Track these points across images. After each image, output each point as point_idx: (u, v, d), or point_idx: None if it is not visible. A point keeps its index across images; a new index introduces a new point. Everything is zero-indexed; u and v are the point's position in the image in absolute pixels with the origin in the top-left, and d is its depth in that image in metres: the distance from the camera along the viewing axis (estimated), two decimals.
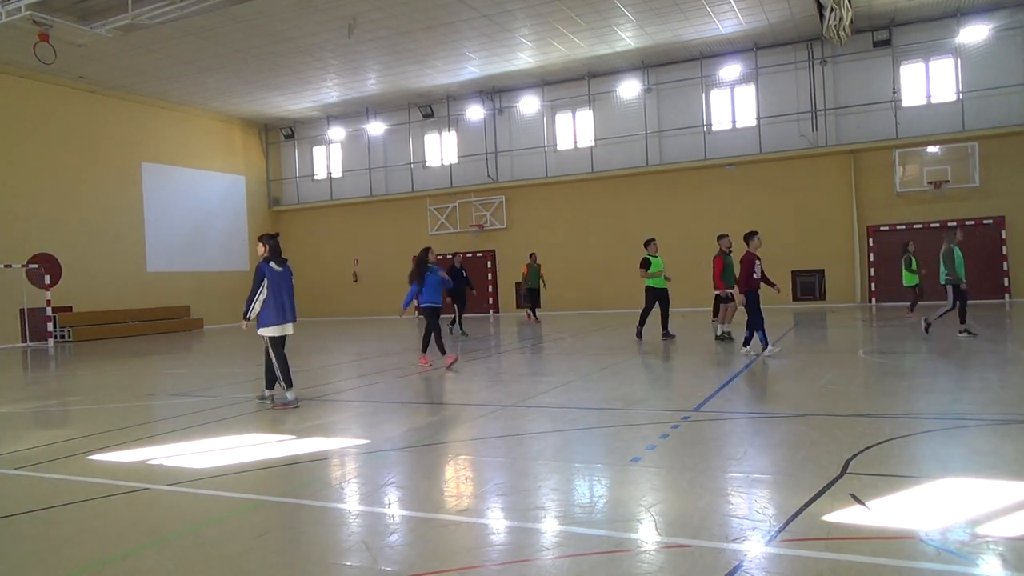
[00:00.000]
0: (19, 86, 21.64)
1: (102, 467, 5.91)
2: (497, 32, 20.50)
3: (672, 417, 6.94)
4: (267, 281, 8.20)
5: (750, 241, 11.29)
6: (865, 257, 22.30)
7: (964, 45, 20.93)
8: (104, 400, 9.86)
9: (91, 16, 17.32)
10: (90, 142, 23.62)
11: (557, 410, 7.60)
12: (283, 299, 8.31)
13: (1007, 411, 6.58)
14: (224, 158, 28.81)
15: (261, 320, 8.27)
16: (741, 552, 3.54)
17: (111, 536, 4.28)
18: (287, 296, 8.38)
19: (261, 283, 8.18)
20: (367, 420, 7.75)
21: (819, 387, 8.17)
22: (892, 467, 4.91)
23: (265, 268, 8.25)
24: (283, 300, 8.31)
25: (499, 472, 5.26)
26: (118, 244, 24.33)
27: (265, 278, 8.20)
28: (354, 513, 4.54)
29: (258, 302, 8.18)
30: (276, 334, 8.37)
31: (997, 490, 4.32)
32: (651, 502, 4.39)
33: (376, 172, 29.12)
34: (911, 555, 3.43)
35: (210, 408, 8.64)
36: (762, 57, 23.00)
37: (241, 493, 5.00)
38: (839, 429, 6.01)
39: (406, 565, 3.60)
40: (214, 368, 13.52)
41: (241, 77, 23.49)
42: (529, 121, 26.32)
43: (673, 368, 10.86)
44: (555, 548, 3.78)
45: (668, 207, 24.17)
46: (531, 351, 14.15)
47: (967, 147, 20.84)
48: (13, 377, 13.81)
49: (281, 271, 8.35)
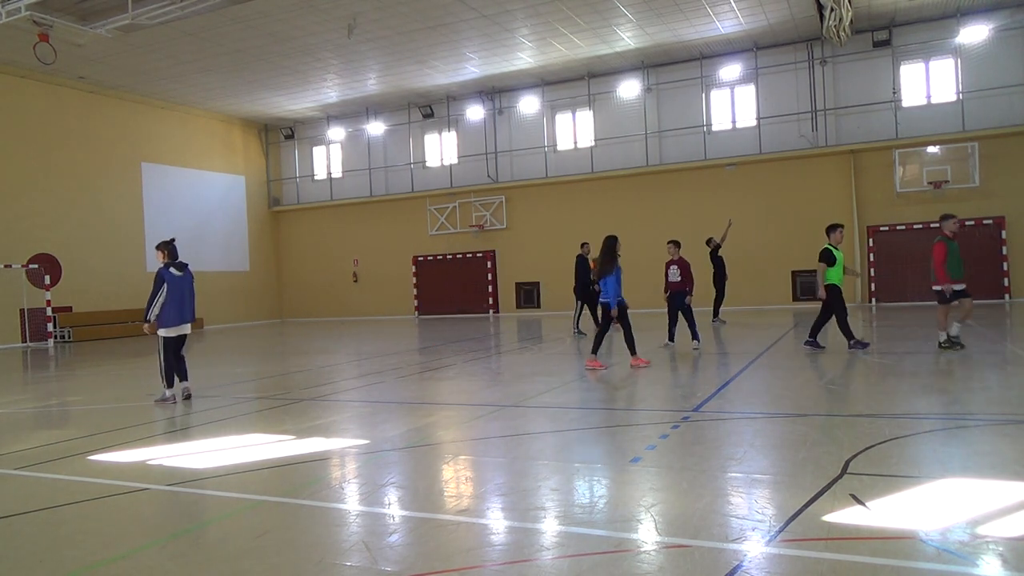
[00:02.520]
0: (19, 86, 21.64)
1: (102, 467, 5.91)
2: (497, 32, 20.50)
3: (672, 417, 6.94)
4: (166, 286, 8.88)
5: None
6: (865, 257, 22.30)
7: (964, 45, 20.93)
8: (104, 400, 9.86)
9: (91, 16, 17.33)
10: (90, 142, 23.62)
11: (557, 410, 7.60)
12: (181, 302, 9.01)
13: (1007, 411, 6.58)
14: (224, 158, 28.81)
15: (160, 321, 8.95)
16: (741, 552, 3.54)
17: (111, 536, 4.28)
18: (187, 299, 9.10)
19: (160, 288, 8.86)
20: (367, 420, 7.75)
21: (819, 387, 8.17)
22: (892, 467, 4.91)
23: (164, 273, 8.93)
24: (181, 303, 9.00)
25: (499, 472, 5.26)
26: (118, 244, 24.33)
27: (164, 283, 8.88)
28: (354, 513, 4.54)
29: (158, 305, 8.86)
30: (172, 335, 9.09)
31: (997, 490, 4.32)
32: (651, 502, 4.39)
33: (376, 172, 29.12)
34: (911, 555, 3.43)
35: (210, 408, 8.64)
36: (762, 57, 23.00)
37: (241, 493, 5.00)
38: (839, 429, 6.01)
39: (406, 565, 3.60)
40: (214, 368, 13.51)
41: (241, 77, 23.49)
42: (529, 121, 26.33)
43: (673, 368, 10.85)
44: (555, 548, 3.78)
45: (668, 207, 24.16)
46: (531, 351, 14.14)
47: (967, 147, 20.84)
48: (13, 377, 13.80)
49: (181, 276, 9.05)
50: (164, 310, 8.87)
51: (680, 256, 12.94)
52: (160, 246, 9.06)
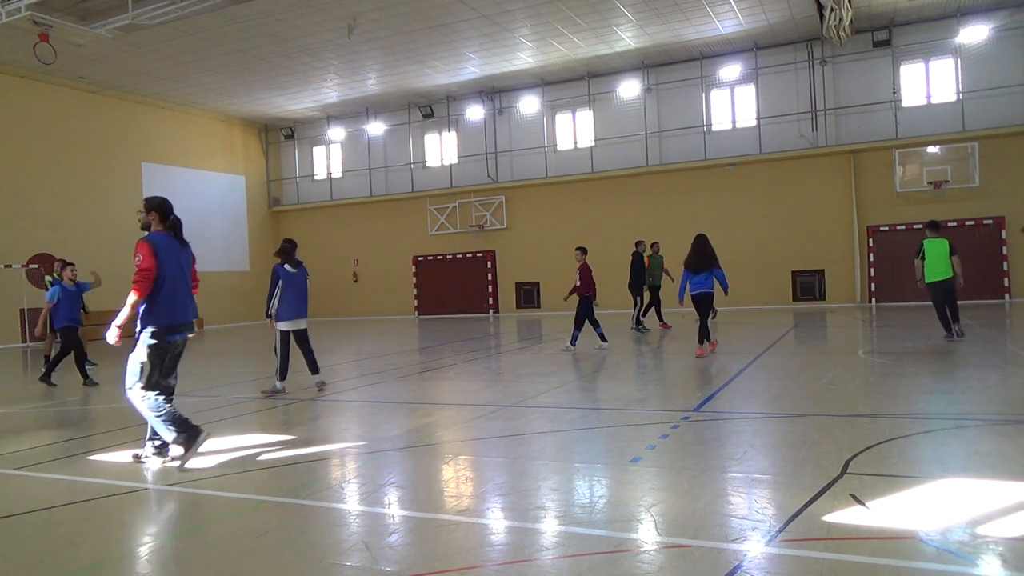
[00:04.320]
0: (19, 86, 21.63)
1: (102, 467, 5.91)
2: (497, 32, 20.50)
3: (672, 417, 6.94)
4: (282, 282, 9.32)
5: None
6: (865, 257, 22.30)
7: (964, 45, 20.93)
8: (104, 400, 9.86)
9: (91, 16, 17.32)
10: (90, 142, 23.61)
11: (557, 410, 7.60)
12: (296, 298, 9.38)
13: (1007, 411, 6.58)
14: (224, 158, 28.80)
15: (277, 315, 9.37)
16: (741, 552, 3.54)
17: (111, 536, 4.28)
18: (302, 295, 9.49)
19: (276, 284, 9.33)
20: (367, 420, 7.75)
21: (819, 387, 8.17)
22: (892, 467, 4.91)
23: (279, 270, 9.40)
24: (296, 299, 9.38)
25: (499, 472, 5.26)
26: (118, 244, 24.30)
27: (280, 279, 9.33)
28: (354, 513, 4.54)
29: (276, 300, 9.29)
30: (289, 328, 9.41)
31: (997, 490, 4.32)
32: (651, 502, 4.39)
33: (376, 172, 29.12)
34: (911, 555, 3.43)
35: (210, 408, 8.64)
36: (762, 57, 23.00)
37: (241, 493, 5.00)
38: (839, 429, 6.01)
39: (406, 565, 3.60)
40: (214, 368, 13.51)
41: (241, 77, 23.49)
42: (529, 121, 26.33)
43: (673, 368, 10.85)
44: (555, 548, 3.78)
45: (668, 207, 24.16)
46: (531, 351, 14.14)
47: (967, 147, 20.84)
48: (13, 377, 13.80)
49: (295, 272, 9.44)
50: (280, 305, 9.28)
51: (584, 262, 12.93)
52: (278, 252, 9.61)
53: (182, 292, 5.89)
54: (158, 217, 6.00)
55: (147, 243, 5.77)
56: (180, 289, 5.87)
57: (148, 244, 5.76)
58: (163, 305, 5.72)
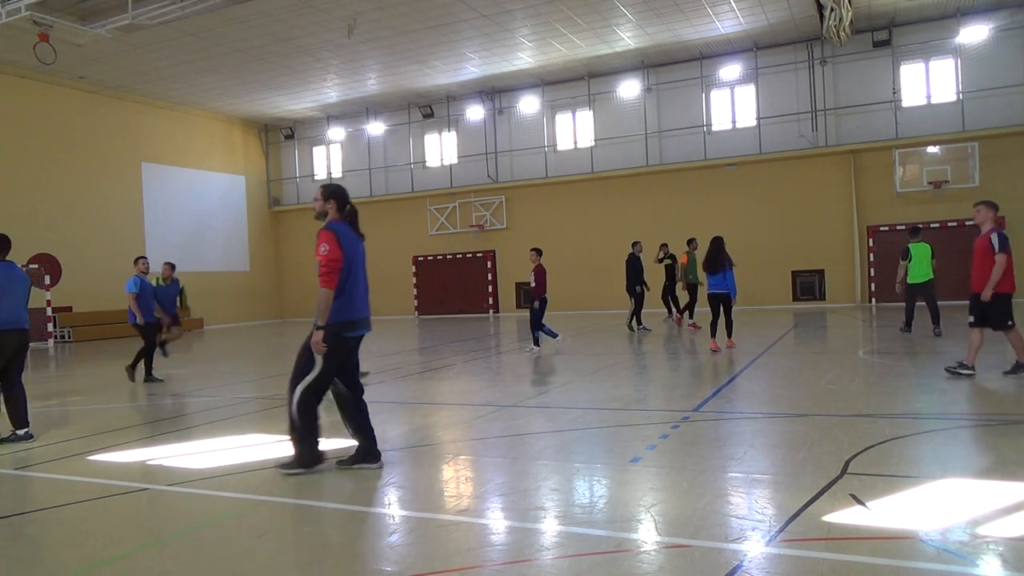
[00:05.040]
0: (19, 86, 21.63)
1: (102, 467, 5.91)
2: (497, 32, 20.50)
3: (672, 417, 6.94)
4: None
5: None
6: (865, 257, 22.30)
7: (964, 45, 20.93)
8: (104, 400, 9.86)
9: (91, 16, 17.33)
10: (90, 142, 23.62)
11: (557, 410, 7.60)
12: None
13: (1006, 411, 6.58)
14: (224, 158, 28.81)
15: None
16: (741, 552, 3.54)
17: (111, 536, 4.28)
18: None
19: None
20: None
21: (819, 387, 8.17)
22: (892, 467, 4.91)
23: None
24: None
25: (499, 472, 5.26)
26: (118, 244, 24.32)
27: None
28: (354, 513, 4.54)
29: None
30: None
31: (997, 490, 4.32)
32: (651, 502, 4.39)
33: (376, 172, 29.12)
34: (911, 555, 3.43)
35: (210, 408, 8.64)
36: (762, 57, 23.00)
37: (241, 493, 5.00)
38: (839, 429, 6.01)
39: (406, 565, 3.60)
40: (214, 368, 13.51)
41: (241, 77, 23.49)
42: (529, 121, 26.32)
43: (673, 368, 10.85)
44: (555, 548, 3.78)
45: (668, 207, 24.16)
46: (531, 351, 14.13)
47: (967, 147, 20.83)
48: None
49: None
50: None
51: (539, 263, 13.02)
52: None
53: (362, 286, 5.49)
54: (336, 205, 5.51)
55: (331, 232, 5.29)
56: (361, 282, 5.47)
57: (332, 233, 5.29)
58: (345, 299, 5.25)
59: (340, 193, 5.59)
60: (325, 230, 5.31)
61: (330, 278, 5.17)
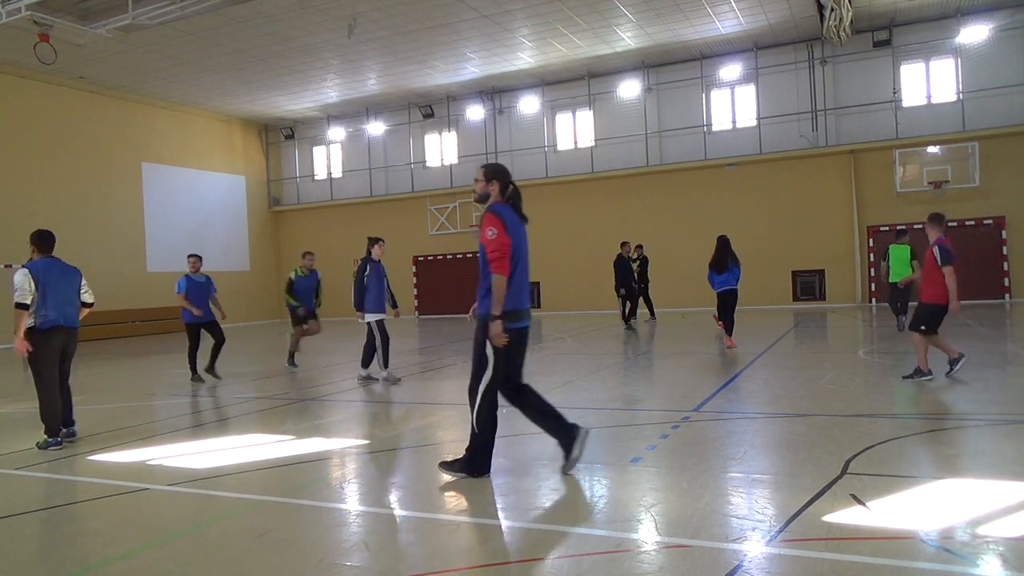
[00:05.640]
0: (19, 86, 21.63)
1: (102, 467, 5.91)
2: (497, 32, 20.50)
3: (672, 417, 6.94)
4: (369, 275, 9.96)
5: None
6: (865, 257, 22.30)
7: (964, 45, 20.93)
8: (104, 400, 9.86)
9: (91, 16, 17.32)
10: (90, 142, 23.61)
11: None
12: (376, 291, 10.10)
13: (1007, 411, 6.58)
14: (224, 158, 28.81)
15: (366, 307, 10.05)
16: (741, 552, 3.54)
17: (111, 536, 4.28)
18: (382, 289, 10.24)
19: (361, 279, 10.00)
20: (367, 420, 7.75)
21: (819, 387, 8.17)
22: (892, 467, 4.91)
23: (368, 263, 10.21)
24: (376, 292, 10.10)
25: (500, 472, 5.26)
26: (118, 244, 24.33)
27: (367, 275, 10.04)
28: (354, 513, 4.54)
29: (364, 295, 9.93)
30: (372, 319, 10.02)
31: (997, 490, 4.32)
32: (651, 502, 4.39)
33: (376, 172, 29.12)
34: (911, 555, 3.43)
35: (210, 408, 8.64)
36: (762, 57, 22.99)
37: (241, 493, 5.00)
38: (839, 429, 6.01)
39: (406, 565, 3.60)
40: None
41: (241, 77, 23.49)
42: (529, 121, 26.32)
43: (673, 368, 10.85)
44: (555, 548, 3.78)
45: (668, 207, 24.16)
46: (531, 351, 14.14)
47: (967, 147, 20.83)
48: (13, 377, 13.80)
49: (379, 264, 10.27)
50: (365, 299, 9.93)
51: None
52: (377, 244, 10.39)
53: (527, 274, 5.02)
54: (499, 186, 5.04)
55: (496, 215, 4.82)
56: (524, 270, 4.98)
57: (497, 216, 4.82)
58: (511, 288, 4.81)
59: (503, 173, 5.10)
60: (490, 213, 4.87)
61: (503, 263, 4.73)
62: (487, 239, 4.77)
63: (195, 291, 11.28)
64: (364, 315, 10.07)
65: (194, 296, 11.24)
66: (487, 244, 4.78)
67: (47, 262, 6.97)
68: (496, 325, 4.72)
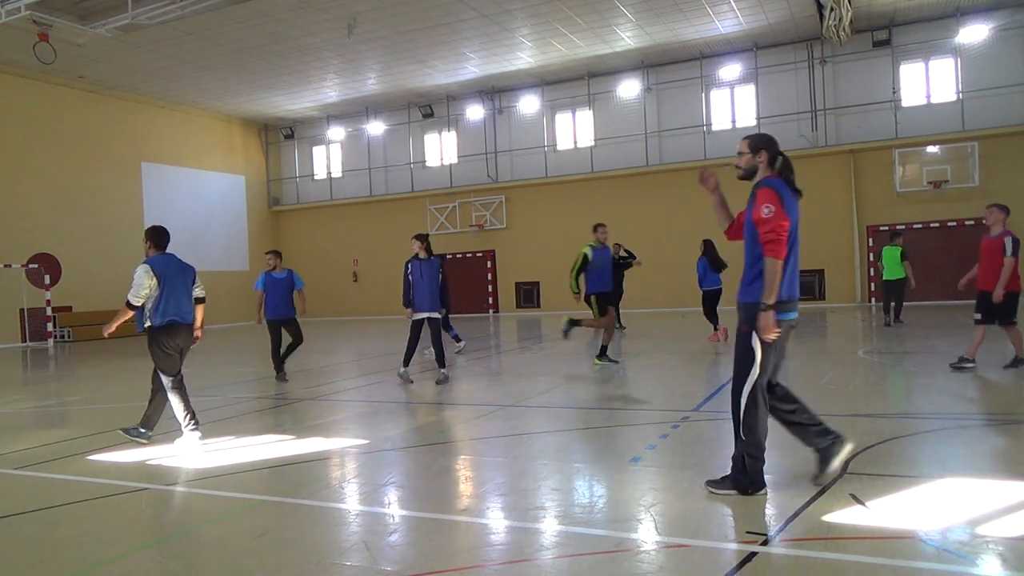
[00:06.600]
0: (19, 86, 21.63)
1: (102, 467, 5.91)
2: (497, 32, 20.49)
3: (672, 417, 6.94)
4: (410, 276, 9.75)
5: None
6: (865, 257, 22.29)
7: (964, 45, 20.92)
8: (104, 400, 9.86)
9: (91, 16, 17.32)
10: (90, 142, 23.61)
11: (557, 410, 7.60)
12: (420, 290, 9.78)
13: (1007, 411, 6.58)
14: (224, 158, 28.80)
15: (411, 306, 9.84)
16: (741, 552, 3.54)
17: (111, 536, 4.28)
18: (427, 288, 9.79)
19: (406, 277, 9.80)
20: (367, 420, 7.75)
21: (819, 387, 8.17)
22: (892, 467, 4.91)
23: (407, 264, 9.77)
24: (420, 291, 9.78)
25: (499, 472, 5.26)
26: (118, 244, 24.31)
27: (407, 273, 9.77)
28: (354, 513, 4.54)
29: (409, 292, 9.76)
30: (415, 318, 9.86)
31: (997, 490, 4.32)
32: (651, 502, 4.39)
33: (376, 172, 29.12)
34: (911, 555, 3.43)
35: (210, 408, 8.64)
36: (762, 57, 22.99)
37: (241, 493, 5.00)
38: (839, 429, 5.99)
39: (406, 565, 3.60)
40: (214, 368, 13.50)
41: (241, 77, 23.48)
42: (529, 121, 26.32)
43: (672, 368, 10.85)
44: (555, 548, 3.78)
45: (668, 207, 24.14)
46: (531, 351, 14.14)
47: (967, 147, 20.83)
48: (13, 377, 13.81)
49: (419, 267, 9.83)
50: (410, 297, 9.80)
51: None
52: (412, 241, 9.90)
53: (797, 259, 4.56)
54: (767, 158, 4.54)
55: (772, 190, 4.33)
56: (797, 254, 4.54)
57: (774, 191, 4.33)
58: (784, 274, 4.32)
59: (771, 143, 4.57)
60: (767, 188, 4.34)
61: (779, 246, 4.22)
62: (762, 218, 4.25)
63: (273, 288, 10.99)
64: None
65: (272, 293, 10.96)
66: (762, 224, 4.26)
67: (165, 258, 6.79)
68: (768, 316, 4.18)
